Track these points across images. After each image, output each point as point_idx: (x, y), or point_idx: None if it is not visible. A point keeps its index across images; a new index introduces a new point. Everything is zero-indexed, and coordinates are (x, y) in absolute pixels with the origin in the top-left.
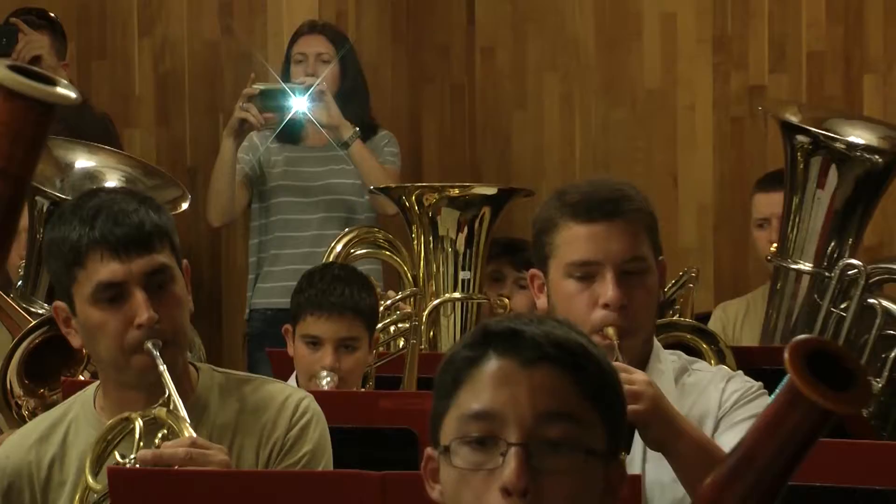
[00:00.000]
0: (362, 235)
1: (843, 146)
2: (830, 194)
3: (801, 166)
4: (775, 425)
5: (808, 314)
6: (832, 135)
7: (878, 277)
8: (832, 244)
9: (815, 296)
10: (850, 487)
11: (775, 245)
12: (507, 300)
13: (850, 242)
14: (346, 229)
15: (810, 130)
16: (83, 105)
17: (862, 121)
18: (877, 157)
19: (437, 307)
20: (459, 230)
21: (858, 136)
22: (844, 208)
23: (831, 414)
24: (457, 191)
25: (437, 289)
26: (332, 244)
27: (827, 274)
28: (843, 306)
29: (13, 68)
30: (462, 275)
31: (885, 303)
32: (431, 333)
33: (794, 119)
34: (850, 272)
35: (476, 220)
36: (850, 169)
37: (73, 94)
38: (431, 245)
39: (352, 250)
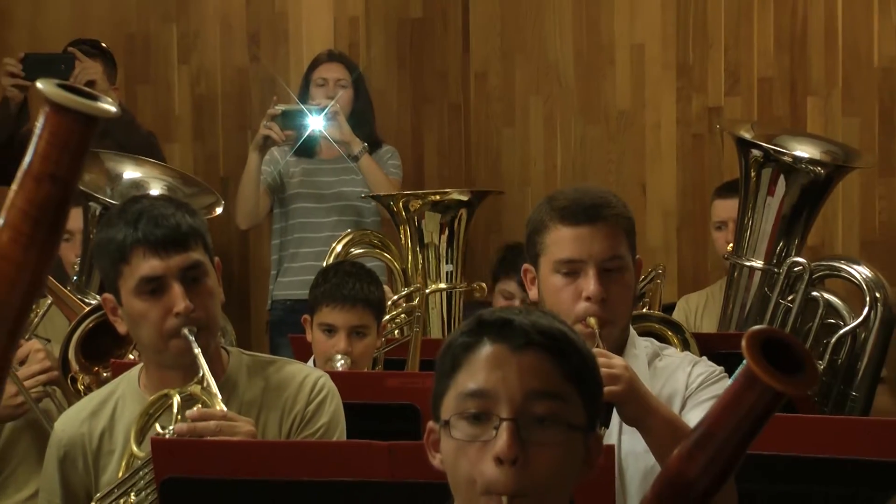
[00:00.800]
0: (358, 237)
1: (790, 159)
2: (779, 201)
3: (754, 177)
4: (734, 405)
5: (760, 305)
6: (781, 149)
7: (820, 273)
8: (780, 244)
9: (766, 289)
10: (797, 456)
11: (731, 245)
12: (483, 285)
13: (796, 243)
14: (346, 232)
15: (762, 145)
16: (130, 123)
17: (806, 137)
18: (819, 168)
19: (426, 296)
20: (441, 230)
21: (803, 150)
22: (791, 213)
23: (782, 395)
24: (437, 196)
25: (425, 281)
26: (333, 245)
27: (776, 270)
28: (790, 298)
29: (61, 86)
30: (445, 268)
31: (826, 295)
32: (424, 320)
33: (747, 135)
34: (795, 269)
35: (455, 221)
36: (796, 179)
37: (113, 109)
38: (418, 243)
39: (350, 250)
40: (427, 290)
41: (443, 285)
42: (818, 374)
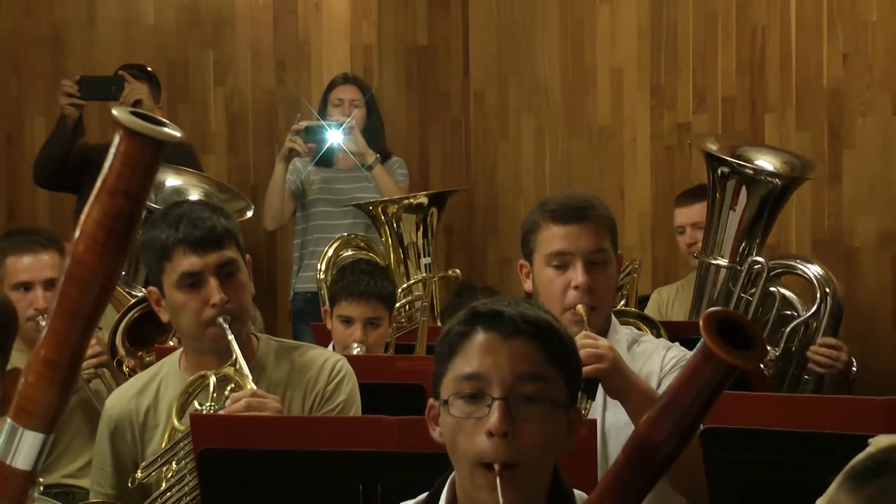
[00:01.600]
0: (345, 241)
1: (751, 170)
2: (742, 207)
3: (720, 184)
4: (693, 377)
5: (725, 298)
6: (743, 163)
7: (777, 271)
8: (743, 245)
9: (730, 284)
10: (757, 429)
11: (700, 244)
12: (457, 271)
13: (756, 243)
14: (335, 237)
15: (727, 159)
16: None
17: (766, 148)
18: (777, 180)
19: (409, 286)
20: (417, 228)
21: (764, 160)
22: (752, 218)
23: (735, 368)
24: (409, 200)
25: (408, 273)
26: (325, 249)
27: (738, 268)
28: (751, 292)
29: (133, 114)
30: (424, 261)
31: (782, 290)
32: (408, 307)
33: (713, 148)
34: (755, 266)
35: (427, 218)
36: (757, 189)
37: (177, 134)
38: (398, 242)
39: (340, 253)
40: (411, 281)
41: (422, 276)
42: (766, 351)
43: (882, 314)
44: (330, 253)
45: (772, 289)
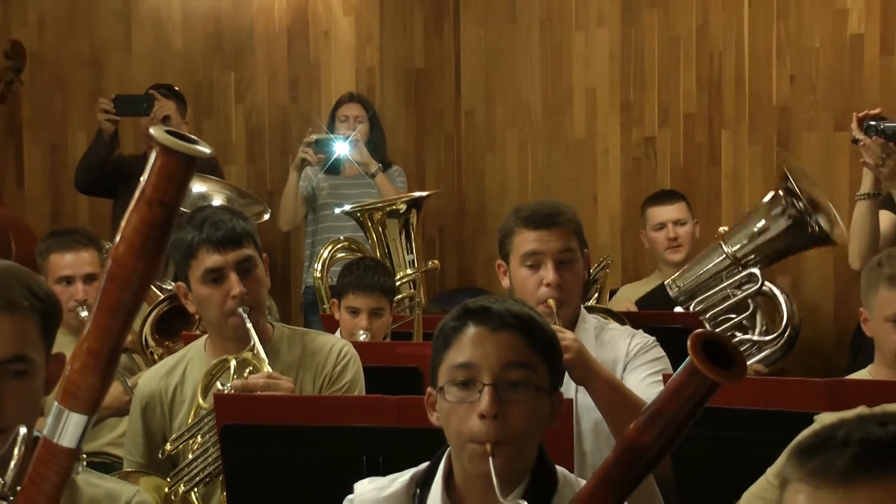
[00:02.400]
0: (338, 244)
1: (814, 224)
2: (779, 232)
3: (784, 204)
4: (679, 390)
5: (710, 279)
6: (811, 213)
7: (763, 292)
8: (754, 254)
9: (723, 273)
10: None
11: (725, 228)
12: (436, 262)
13: (764, 259)
14: (330, 241)
15: (806, 203)
16: None
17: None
18: (822, 233)
19: (400, 283)
20: (400, 230)
21: (823, 220)
22: (780, 247)
23: (718, 385)
24: (391, 206)
25: (393, 268)
26: (321, 252)
27: (737, 269)
28: (735, 291)
29: (168, 132)
30: (408, 258)
31: (755, 308)
32: (406, 301)
33: (807, 187)
34: (752, 279)
35: (409, 219)
36: (803, 232)
37: (207, 151)
38: (384, 242)
39: (335, 255)
40: (399, 277)
41: (410, 271)
42: (745, 370)
43: (825, 307)
44: (325, 255)
45: (749, 301)
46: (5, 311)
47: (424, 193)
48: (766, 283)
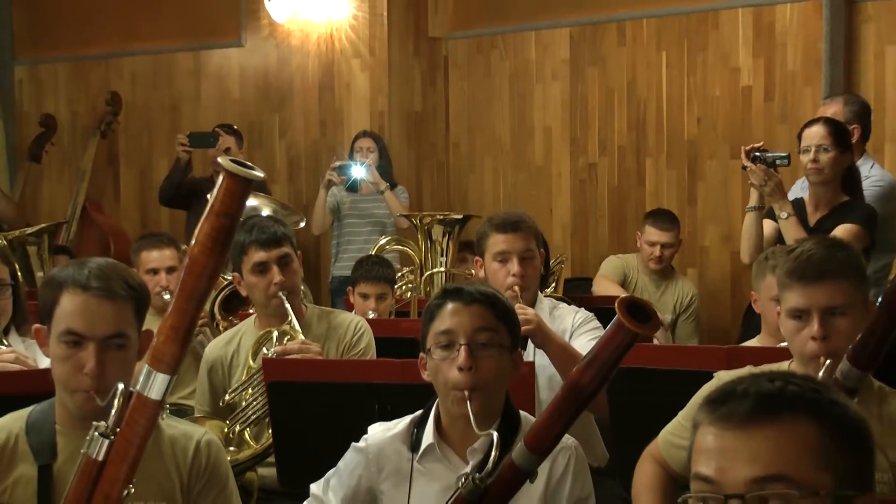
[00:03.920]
0: (394, 239)
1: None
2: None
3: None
4: (610, 340)
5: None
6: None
7: None
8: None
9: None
10: (640, 367)
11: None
12: (470, 272)
13: None
14: (383, 237)
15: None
16: None
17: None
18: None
19: (432, 275)
20: (443, 236)
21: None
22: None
23: (638, 335)
24: (441, 215)
25: (433, 265)
26: (378, 241)
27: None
28: None
29: (233, 161)
30: (441, 259)
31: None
32: (429, 288)
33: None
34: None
35: (452, 230)
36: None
37: (260, 175)
38: (429, 244)
39: (386, 246)
40: (432, 271)
41: (441, 269)
42: (658, 325)
43: (723, 292)
44: (381, 242)
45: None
46: (108, 299)
47: (469, 215)
48: None
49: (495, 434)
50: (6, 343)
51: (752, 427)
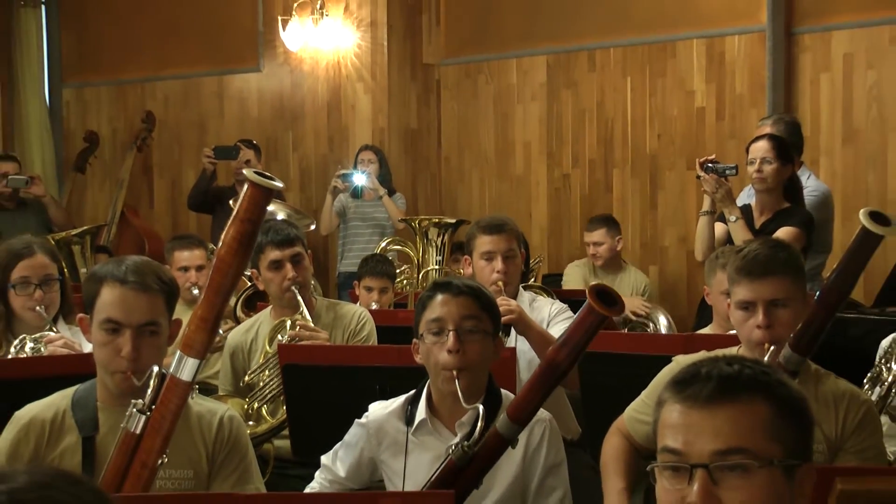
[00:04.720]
0: (394, 241)
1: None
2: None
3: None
4: (582, 322)
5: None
6: None
7: None
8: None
9: None
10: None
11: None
12: (461, 271)
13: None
14: (384, 238)
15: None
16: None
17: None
18: None
19: (427, 272)
20: (438, 236)
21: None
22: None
23: (606, 317)
24: (437, 219)
25: (428, 263)
26: (380, 242)
27: None
28: None
29: (256, 172)
30: (437, 257)
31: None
32: (424, 284)
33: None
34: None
35: (446, 232)
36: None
37: (280, 185)
38: (425, 244)
39: (387, 247)
40: (428, 268)
41: (436, 266)
42: (623, 309)
43: (680, 287)
44: (383, 244)
45: None
46: (143, 292)
47: (462, 220)
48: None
49: (481, 407)
50: (55, 330)
51: (714, 406)
